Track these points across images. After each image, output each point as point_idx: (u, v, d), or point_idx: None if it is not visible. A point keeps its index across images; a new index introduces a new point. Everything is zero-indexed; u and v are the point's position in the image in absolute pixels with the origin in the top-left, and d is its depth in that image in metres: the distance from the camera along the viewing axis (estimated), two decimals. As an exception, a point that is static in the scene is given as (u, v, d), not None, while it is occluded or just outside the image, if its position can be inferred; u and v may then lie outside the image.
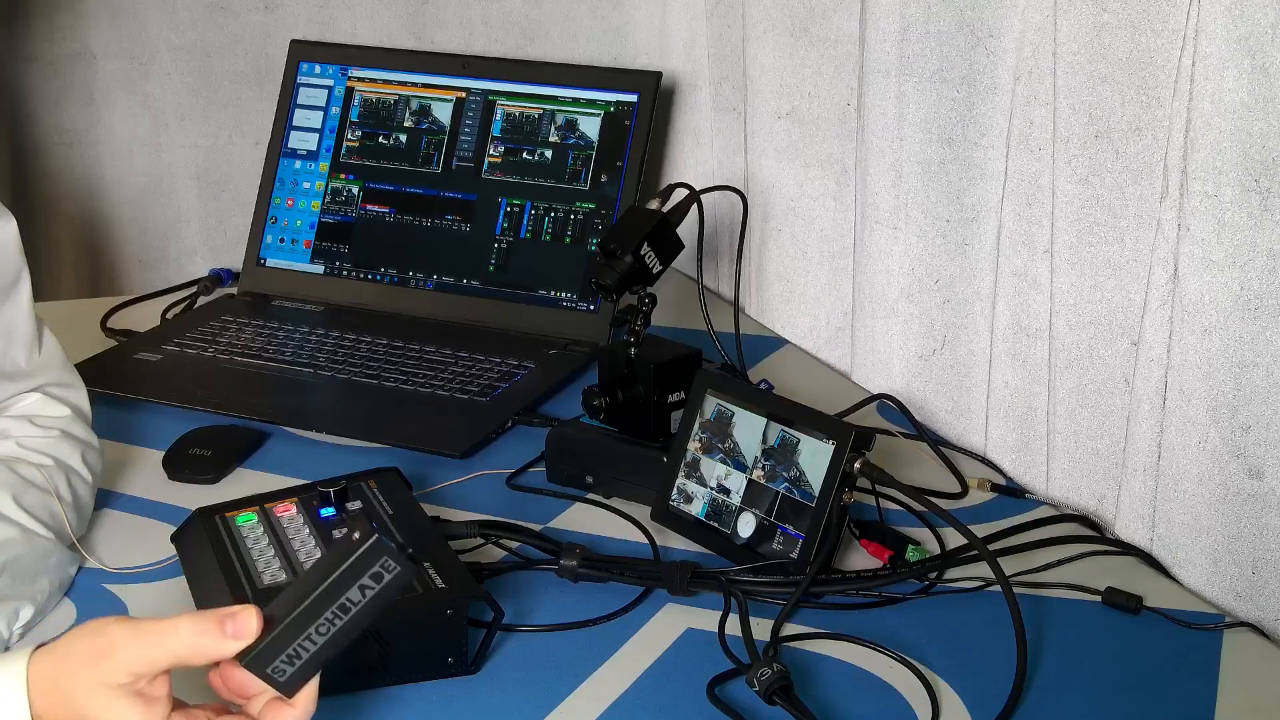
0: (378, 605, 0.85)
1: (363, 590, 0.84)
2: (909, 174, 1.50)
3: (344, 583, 0.84)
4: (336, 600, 0.84)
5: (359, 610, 0.85)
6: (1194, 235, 1.18)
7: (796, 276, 1.76)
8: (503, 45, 2.00)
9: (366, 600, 0.84)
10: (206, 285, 1.92)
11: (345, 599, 0.84)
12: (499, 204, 1.81)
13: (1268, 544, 1.19)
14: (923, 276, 1.52)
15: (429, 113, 1.85)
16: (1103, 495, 1.36)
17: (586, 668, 1.13)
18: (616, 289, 1.40)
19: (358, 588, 0.84)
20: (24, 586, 1.17)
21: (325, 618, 0.84)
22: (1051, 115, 1.32)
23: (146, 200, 2.10)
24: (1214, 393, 1.19)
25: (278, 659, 0.85)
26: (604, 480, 1.39)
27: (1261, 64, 1.10)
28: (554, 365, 1.67)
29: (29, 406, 1.27)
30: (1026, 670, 1.09)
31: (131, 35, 2.02)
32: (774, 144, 1.75)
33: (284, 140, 1.90)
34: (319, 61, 1.90)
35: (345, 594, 0.84)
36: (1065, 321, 1.35)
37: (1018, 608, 1.11)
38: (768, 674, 1.06)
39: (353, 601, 0.84)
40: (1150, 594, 1.21)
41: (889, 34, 1.47)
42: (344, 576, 0.84)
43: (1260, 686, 1.11)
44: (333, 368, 1.66)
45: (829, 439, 1.22)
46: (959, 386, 1.52)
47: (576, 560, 1.23)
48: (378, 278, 1.84)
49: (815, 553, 1.20)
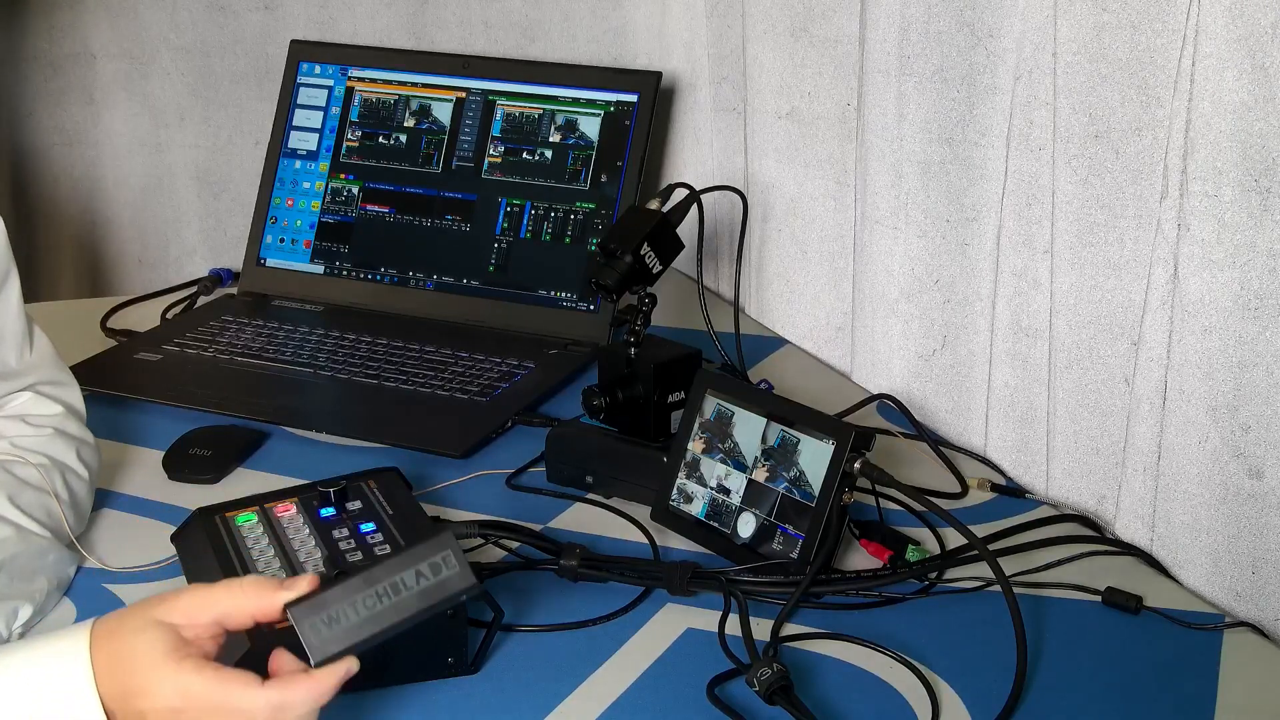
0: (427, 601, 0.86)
1: (418, 576, 0.85)
2: (909, 174, 1.50)
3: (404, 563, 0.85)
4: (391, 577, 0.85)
5: (408, 595, 0.85)
6: (1194, 235, 1.18)
7: (796, 276, 1.76)
8: (503, 45, 2.00)
9: (419, 588, 0.85)
10: (206, 285, 1.92)
11: (400, 578, 0.85)
12: (499, 204, 1.81)
13: (1268, 544, 1.19)
14: (923, 276, 1.52)
15: (429, 113, 1.85)
16: (1103, 495, 1.36)
17: (586, 668, 1.13)
18: (616, 289, 1.40)
19: (414, 571, 0.85)
20: (22, 585, 1.17)
21: (375, 591, 0.85)
22: (1051, 115, 1.32)
23: (146, 200, 2.10)
24: (1214, 393, 1.19)
25: (318, 616, 0.85)
26: (604, 480, 1.39)
27: (1261, 64, 1.10)
28: (554, 365, 1.67)
29: (21, 406, 1.27)
30: (1027, 670, 1.09)
31: (131, 35, 2.02)
32: (774, 144, 1.75)
33: (284, 140, 1.90)
34: (319, 61, 1.90)
35: (401, 573, 0.85)
36: (1065, 321, 1.35)
37: (1018, 608, 1.11)
38: (768, 674, 1.06)
39: (405, 584, 0.85)
40: (1150, 594, 1.21)
41: (889, 34, 1.47)
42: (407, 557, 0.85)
43: (1260, 686, 1.11)
44: (333, 368, 1.66)
45: (829, 439, 1.22)
46: (959, 386, 1.52)
47: (576, 560, 1.23)
48: (378, 278, 1.84)
49: (815, 553, 1.21)
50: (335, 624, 0.85)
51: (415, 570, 0.85)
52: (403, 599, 0.85)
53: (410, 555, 0.86)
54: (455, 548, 0.85)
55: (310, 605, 0.86)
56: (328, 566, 1.15)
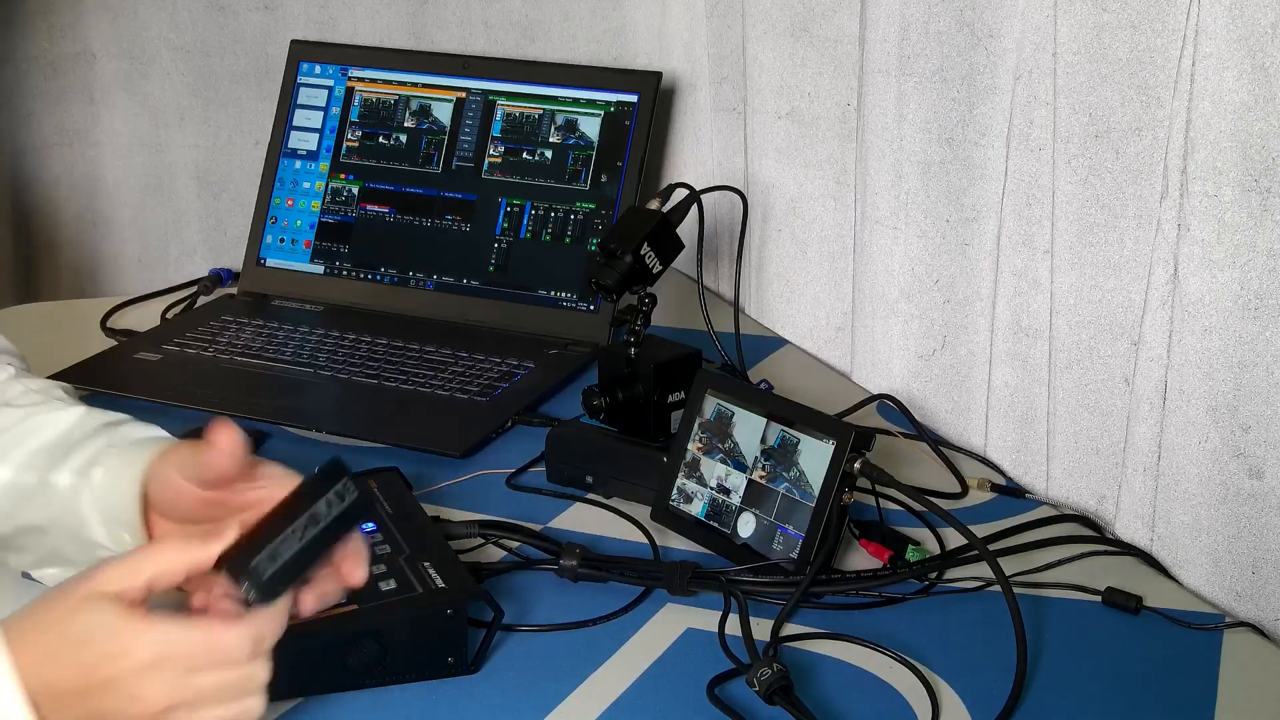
0: (344, 525, 0.91)
1: (328, 505, 0.90)
2: (909, 174, 1.50)
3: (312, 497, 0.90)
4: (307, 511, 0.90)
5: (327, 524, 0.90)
6: (1194, 235, 1.18)
7: (796, 276, 1.76)
8: (503, 45, 2.00)
9: (333, 515, 0.90)
10: (206, 285, 1.92)
11: (313, 512, 0.90)
12: (499, 204, 1.81)
13: (1268, 544, 1.19)
14: (923, 276, 1.52)
15: (429, 113, 1.85)
16: (1103, 495, 1.36)
17: (586, 668, 1.13)
18: (616, 289, 1.40)
19: (324, 502, 0.90)
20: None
21: (297, 525, 0.89)
22: (1051, 115, 1.32)
23: (146, 200, 2.10)
24: (1214, 393, 1.19)
25: (258, 555, 0.88)
26: (604, 480, 1.39)
27: (1261, 64, 1.10)
28: (554, 365, 1.67)
29: None
30: (1027, 670, 1.09)
31: (131, 35, 2.02)
32: (774, 144, 1.75)
33: (284, 140, 1.90)
34: (319, 61, 1.90)
35: (313, 508, 0.90)
36: (1065, 321, 1.35)
37: (1018, 608, 1.12)
38: (768, 674, 1.06)
39: (319, 515, 0.90)
40: (1150, 594, 1.21)
41: (889, 34, 1.47)
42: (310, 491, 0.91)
43: (1260, 686, 1.11)
44: (333, 368, 1.66)
45: (829, 439, 1.22)
46: (959, 386, 1.52)
47: (576, 560, 1.23)
48: (378, 278, 1.84)
49: (815, 553, 1.21)
50: (277, 558, 0.89)
51: (325, 500, 0.90)
52: (324, 528, 0.90)
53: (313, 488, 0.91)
54: (349, 471, 0.92)
55: (245, 551, 0.89)
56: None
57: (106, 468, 1.06)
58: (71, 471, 1.09)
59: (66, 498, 1.09)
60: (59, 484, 1.10)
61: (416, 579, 1.14)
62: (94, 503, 1.06)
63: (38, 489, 1.10)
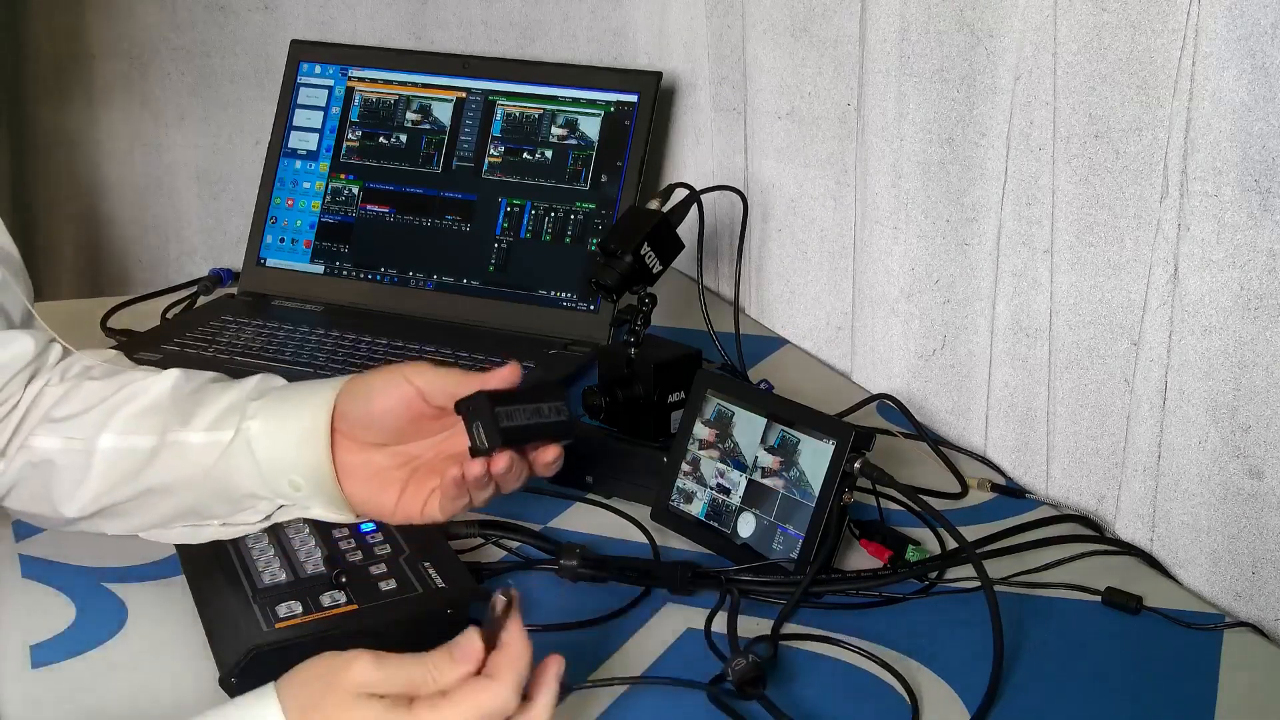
0: (550, 430, 1.17)
1: (549, 409, 1.18)
2: (909, 174, 1.50)
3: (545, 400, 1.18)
4: (539, 404, 1.17)
5: (542, 422, 1.17)
6: (1194, 235, 1.18)
7: (796, 276, 1.76)
8: (503, 45, 2.00)
9: (548, 419, 1.17)
10: (206, 285, 1.92)
11: (541, 407, 1.17)
12: (499, 204, 1.81)
13: (1268, 544, 1.19)
14: (923, 276, 1.52)
15: (429, 113, 1.85)
16: (1103, 495, 1.36)
17: (586, 668, 1.13)
18: (616, 289, 1.40)
19: (547, 406, 1.17)
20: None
21: (526, 409, 1.16)
22: (1051, 115, 1.32)
23: (146, 200, 2.10)
24: (1214, 393, 1.19)
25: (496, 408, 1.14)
26: (604, 480, 1.39)
27: (1261, 64, 1.10)
28: (554, 365, 1.67)
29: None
30: (1003, 670, 1.08)
31: (131, 35, 2.02)
32: (774, 144, 1.75)
33: (284, 140, 1.90)
34: (319, 61, 1.90)
35: (542, 404, 1.17)
36: (1065, 321, 1.35)
37: (998, 608, 1.11)
38: (742, 664, 1.05)
39: (544, 412, 1.17)
40: (1150, 594, 1.21)
41: (889, 34, 1.47)
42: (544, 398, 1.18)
43: (1260, 686, 1.11)
44: (333, 368, 1.66)
45: (829, 439, 1.22)
46: (959, 386, 1.52)
47: (576, 560, 1.23)
48: (378, 278, 1.84)
49: (815, 553, 1.20)
50: (507, 419, 1.13)
51: (548, 405, 1.17)
52: (537, 422, 1.16)
53: (538, 393, 1.18)
54: (566, 396, 1.20)
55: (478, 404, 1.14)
56: (328, 566, 1.15)
57: (263, 420, 1.14)
58: (204, 429, 1.15)
59: (204, 453, 1.15)
60: (190, 441, 1.15)
61: (416, 579, 1.14)
62: (248, 454, 1.14)
63: (158, 450, 1.15)
